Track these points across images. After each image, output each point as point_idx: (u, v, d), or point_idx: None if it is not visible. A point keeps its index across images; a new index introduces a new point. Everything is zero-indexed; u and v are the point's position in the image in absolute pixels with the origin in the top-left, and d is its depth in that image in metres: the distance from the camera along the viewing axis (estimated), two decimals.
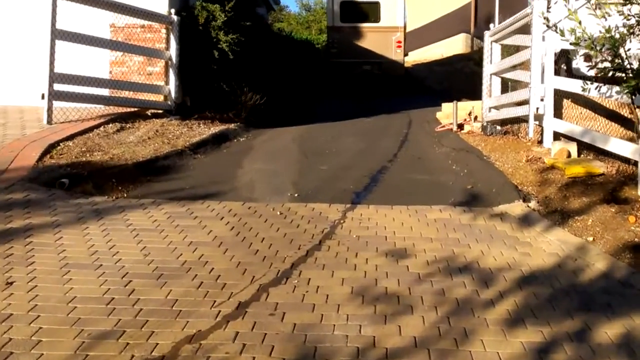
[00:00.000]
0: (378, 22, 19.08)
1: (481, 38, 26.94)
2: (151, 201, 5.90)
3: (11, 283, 3.84)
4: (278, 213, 5.65)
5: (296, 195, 6.30)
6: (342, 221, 5.47)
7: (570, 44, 5.78)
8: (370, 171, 7.48)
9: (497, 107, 10.21)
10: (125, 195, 6.08)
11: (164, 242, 4.77)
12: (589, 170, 6.62)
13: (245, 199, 6.12)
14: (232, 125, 10.39)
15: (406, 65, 22.68)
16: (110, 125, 8.47)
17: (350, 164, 7.96)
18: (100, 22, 9.38)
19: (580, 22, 5.65)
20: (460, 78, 25.13)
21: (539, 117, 8.41)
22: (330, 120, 13.23)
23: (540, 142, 8.55)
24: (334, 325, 3.45)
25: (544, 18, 5.47)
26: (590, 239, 4.99)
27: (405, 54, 33.85)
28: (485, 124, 10.24)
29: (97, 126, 8.21)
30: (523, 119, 9.19)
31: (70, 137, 7.45)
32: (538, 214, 5.72)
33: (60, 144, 7.17)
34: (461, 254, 4.67)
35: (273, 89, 13.51)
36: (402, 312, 3.65)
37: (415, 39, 35.70)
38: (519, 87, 9.56)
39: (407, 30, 35.88)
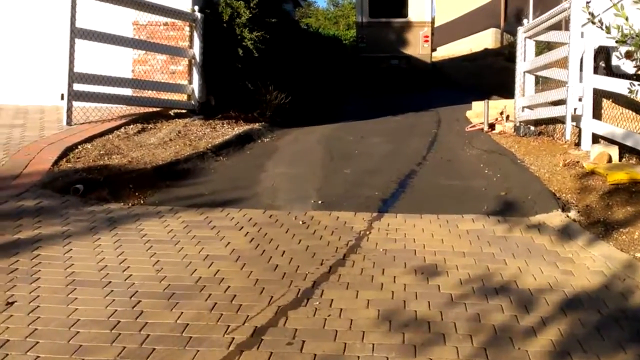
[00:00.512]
0: (406, 17, 19.21)
1: (511, 33, 26.51)
2: (169, 209, 5.61)
3: (12, 303, 3.56)
4: (300, 222, 5.31)
5: (320, 202, 5.96)
6: (368, 232, 5.11)
7: (616, 41, 5.31)
8: (398, 175, 7.09)
9: (530, 107, 9.72)
10: (142, 201, 5.79)
11: (179, 255, 4.47)
12: (633, 176, 6.14)
13: (267, 206, 5.79)
14: (256, 125, 10.08)
15: (434, 60, 22.39)
16: (132, 126, 8.22)
17: (377, 168, 7.58)
18: (122, 19, 9.13)
19: (627, 18, 5.18)
20: (489, 74, 24.49)
21: (576, 118, 7.92)
22: (357, 119, 12.85)
23: (578, 144, 8.07)
24: (358, 357, 3.10)
25: (589, 13, 4.99)
26: (639, 255, 4.55)
27: (434, 49, 33.23)
28: (518, 124, 9.76)
29: (118, 127, 7.97)
30: (559, 120, 8.70)
31: (89, 139, 7.21)
32: (579, 226, 5.27)
33: (79, 147, 6.93)
34: (497, 272, 4.28)
35: (299, 87, 13.18)
36: (434, 341, 3.28)
37: (443, 34, 35.02)
38: (554, 86, 9.06)
39: (436, 25, 35.26)
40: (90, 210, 5.42)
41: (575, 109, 7.83)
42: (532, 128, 9.56)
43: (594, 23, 5.63)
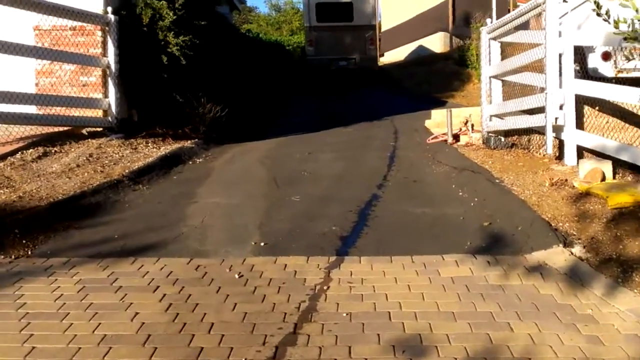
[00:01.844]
0: (351, 21, 20.27)
1: (460, 37, 26.07)
2: (63, 262, 4.37)
3: None
4: (236, 276, 4.16)
5: (262, 244, 4.82)
6: (325, 287, 4.01)
7: (625, 38, 4.41)
8: (357, 203, 6.03)
9: (500, 116, 8.85)
10: (29, 252, 4.55)
11: (64, 338, 3.26)
12: (638, 198, 5.26)
13: (194, 252, 4.62)
14: (187, 143, 8.89)
15: (383, 65, 22.90)
16: (31, 150, 6.91)
17: (332, 193, 6.50)
18: (21, 24, 7.80)
19: (638, 10, 4.29)
20: (441, 79, 23.98)
21: (557, 129, 7.05)
22: (305, 131, 11.79)
23: (559, 158, 7.22)
24: None
25: (595, 3, 4.07)
26: None
27: (381, 55, 33.17)
28: (486, 135, 8.88)
29: (13, 152, 6.67)
30: (535, 130, 7.86)
31: None
32: (588, 266, 4.32)
33: None
34: (502, 343, 3.25)
35: (238, 98, 12.05)
36: None
37: (391, 39, 34.55)
38: (528, 92, 8.23)
39: (383, 29, 34.83)
40: None
41: (556, 119, 6.95)
42: (503, 139, 8.70)
43: (599, 15, 4.71)
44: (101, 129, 8.36)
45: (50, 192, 5.60)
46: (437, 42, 29.13)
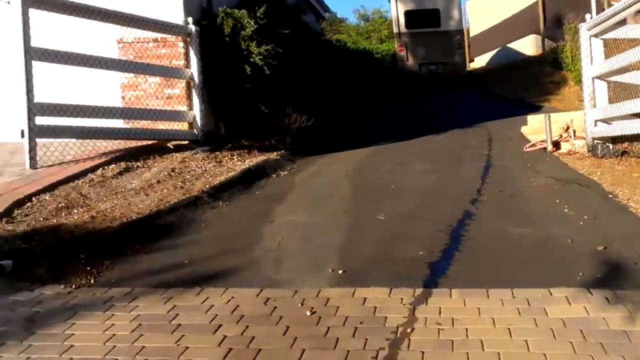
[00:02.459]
0: (439, 26, 20.32)
1: (553, 39, 24.34)
2: (125, 292, 3.90)
3: None
4: (308, 313, 3.52)
5: (341, 271, 4.17)
6: (409, 329, 3.29)
7: None
8: (448, 221, 5.26)
9: (606, 120, 7.75)
10: (92, 280, 4.11)
11: None
12: None
13: (265, 281, 4.03)
14: (273, 155, 8.39)
15: (474, 70, 22.18)
16: (113, 165, 6.61)
17: (420, 210, 5.76)
18: (104, 37, 7.59)
19: None
20: (534, 82, 22.51)
21: None
22: (394, 140, 11.06)
23: None
24: None
25: None
26: None
27: (471, 60, 31.81)
28: (592, 141, 7.80)
29: (95, 168, 6.38)
30: None
31: (51, 187, 5.62)
32: None
33: (33, 199, 5.33)
34: None
35: (325, 107, 11.47)
36: None
37: (480, 43, 33.00)
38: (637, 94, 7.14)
39: (472, 35, 33.40)
40: (12, 300, 3.77)
41: None
42: (611, 146, 7.60)
43: None
44: (187, 142, 8.02)
45: (125, 211, 5.21)
46: (528, 45, 27.45)
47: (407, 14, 20.23)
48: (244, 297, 3.77)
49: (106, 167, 6.53)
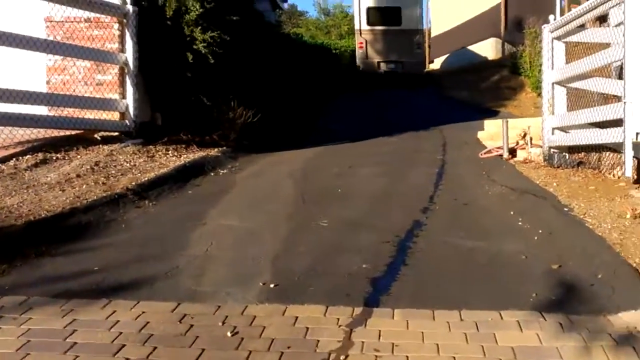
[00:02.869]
0: (400, 25, 20.56)
1: (513, 43, 24.55)
2: (18, 302, 3.45)
3: None
4: (229, 334, 3.15)
5: (272, 285, 3.81)
6: (343, 356, 2.96)
7: None
8: (396, 231, 4.96)
9: (564, 129, 7.63)
10: None
11: None
12: None
13: (184, 294, 3.64)
14: (213, 151, 7.98)
15: (433, 71, 22.46)
16: (28, 156, 6.09)
17: (366, 218, 5.45)
18: (31, 14, 7.04)
19: None
20: (492, 87, 22.72)
21: (637, 146, 5.84)
22: (346, 140, 10.79)
23: (638, 181, 6.00)
24: None
25: None
26: None
27: (431, 61, 31.93)
28: (549, 150, 7.67)
29: (7, 158, 5.88)
30: (608, 147, 6.65)
31: None
32: None
33: None
34: None
35: (275, 102, 11.11)
36: None
37: (441, 45, 33.09)
38: (600, 102, 7.03)
39: (433, 35, 33.55)
40: None
41: (637, 134, 5.76)
42: (568, 156, 7.48)
43: None
44: (117, 133, 7.53)
45: (34, 207, 4.73)
46: (488, 48, 27.66)
47: (369, 10, 20.33)
48: (156, 313, 3.38)
49: (21, 157, 6.01)
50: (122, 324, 3.21)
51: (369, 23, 20.50)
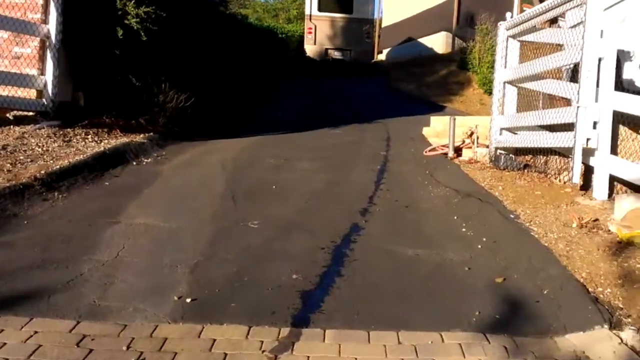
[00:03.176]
0: (351, 13, 20.89)
1: (463, 38, 24.64)
2: None
3: None
4: None
5: (189, 300, 3.42)
6: None
7: None
8: (332, 236, 4.65)
9: (512, 130, 7.48)
10: None
11: None
12: None
13: (86, 310, 3.22)
14: (139, 137, 7.47)
15: (381, 62, 22.33)
16: None
17: (301, 219, 5.11)
18: None
19: None
20: (439, 81, 22.79)
21: (588, 152, 5.72)
22: (287, 130, 10.44)
23: (584, 188, 5.89)
24: None
25: None
26: None
27: (380, 51, 31.83)
28: (495, 151, 7.51)
29: None
30: (555, 151, 6.53)
31: None
32: None
33: None
34: None
35: (212, 87, 10.62)
36: None
37: (391, 35, 32.99)
38: (552, 105, 6.91)
39: (384, 25, 33.45)
40: None
41: (587, 139, 5.63)
42: (514, 158, 7.35)
43: None
44: (32, 113, 6.92)
45: None
46: (439, 42, 27.72)
47: None
48: (51, 332, 2.95)
49: None
50: (8, 348, 2.78)
51: (320, 9, 20.68)
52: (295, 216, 5.16)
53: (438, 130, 9.38)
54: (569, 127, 5.91)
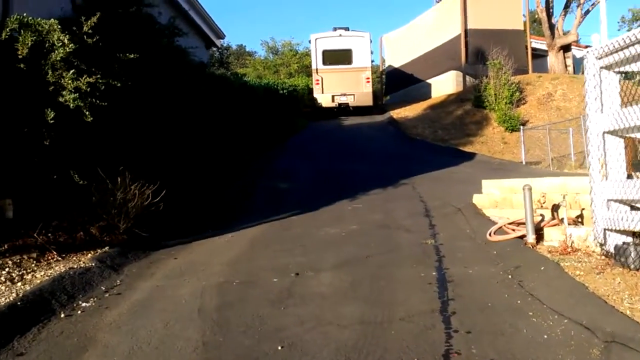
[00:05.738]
0: (351, 64, 23.15)
1: (475, 75, 22.28)
2: None
3: None
4: None
5: None
6: None
7: None
8: None
9: (626, 202, 4.78)
10: None
11: None
12: None
13: None
14: (85, 258, 4.97)
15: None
16: None
17: None
18: None
19: None
20: (455, 122, 20.47)
21: None
22: (291, 211, 7.90)
23: None
24: None
25: None
26: None
27: (386, 95, 30.20)
28: (604, 234, 4.83)
29: None
30: None
31: None
32: None
33: None
34: None
35: (195, 166, 8.15)
36: None
37: (398, 78, 30.66)
38: None
39: (389, 69, 31.55)
40: None
41: None
42: None
43: None
44: None
45: None
46: (449, 81, 25.49)
47: (325, 52, 23.10)
48: None
49: None
50: None
51: (324, 63, 23.14)
52: None
53: (496, 199, 6.74)
54: None
